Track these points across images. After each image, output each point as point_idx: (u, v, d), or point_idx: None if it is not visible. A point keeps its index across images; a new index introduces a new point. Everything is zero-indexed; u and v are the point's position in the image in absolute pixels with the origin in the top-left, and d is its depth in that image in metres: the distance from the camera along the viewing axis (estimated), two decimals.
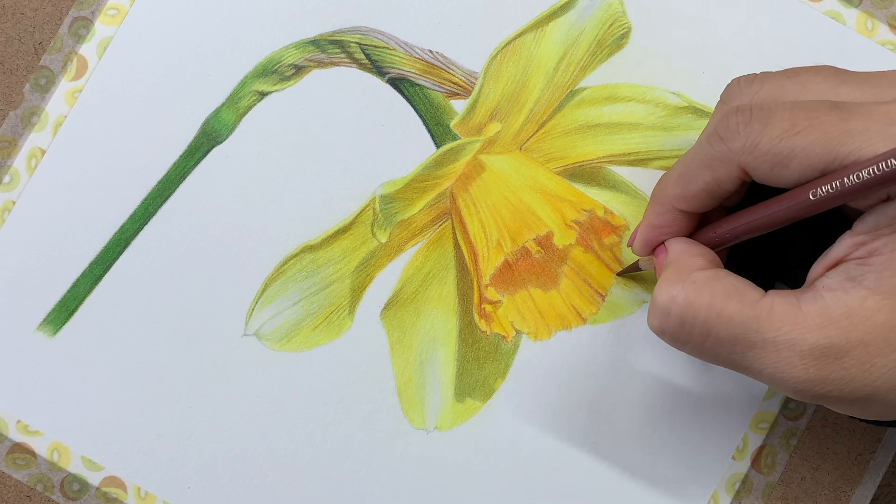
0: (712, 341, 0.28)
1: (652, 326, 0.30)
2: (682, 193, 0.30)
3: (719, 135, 0.29)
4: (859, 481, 0.36)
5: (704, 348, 0.29)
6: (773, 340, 0.27)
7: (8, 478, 0.36)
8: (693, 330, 0.29)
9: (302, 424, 0.36)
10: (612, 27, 0.37)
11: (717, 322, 0.28)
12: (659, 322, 0.29)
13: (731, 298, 0.28)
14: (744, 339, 0.28)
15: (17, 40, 0.37)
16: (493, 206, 0.36)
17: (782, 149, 0.27)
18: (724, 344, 0.28)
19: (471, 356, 0.36)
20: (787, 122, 0.27)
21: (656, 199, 0.31)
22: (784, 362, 0.27)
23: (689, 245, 0.31)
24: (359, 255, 0.36)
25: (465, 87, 0.37)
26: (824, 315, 0.27)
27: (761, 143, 0.28)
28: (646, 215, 0.32)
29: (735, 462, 0.36)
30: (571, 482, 0.36)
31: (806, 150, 0.27)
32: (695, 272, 0.29)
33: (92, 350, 0.36)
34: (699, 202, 0.30)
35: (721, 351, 0.29)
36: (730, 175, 0.29)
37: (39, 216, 0.36)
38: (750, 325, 0.28)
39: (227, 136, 0.36)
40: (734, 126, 0.28)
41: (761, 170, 0.28)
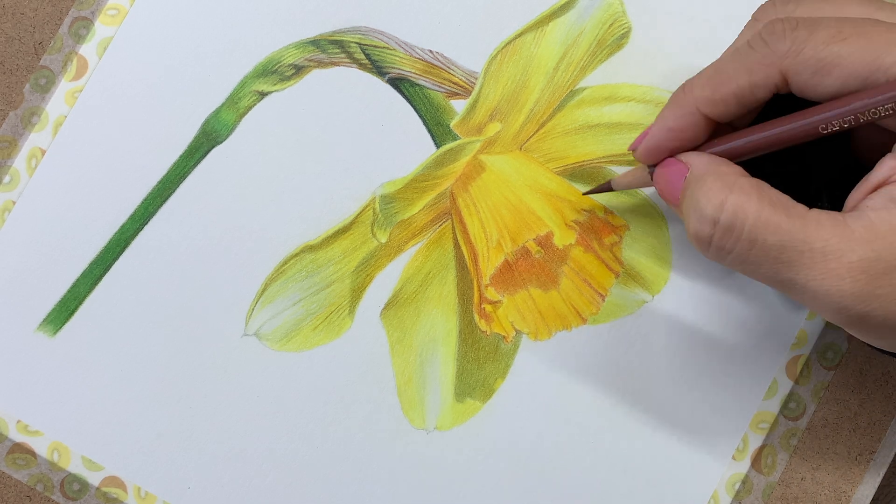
0: (758, 249, 0.28)
1: (698, 234, 0.29)
2: (711, 95, 0.29)
3: (763, 38, 0.28)
4: (859, 481, 0.36)
5: (749, 257, 0.28)
6: (821, 250, 0.27)
7: (8, 478, 0.36)
8: (741, 236, 0.28)
9: (302, 424, 0.36)
10: (612, 27, 0.37)
11: (766, 228, 0.27)
12: (706, 230, 0.28)
13: (778, 207, 0.27)
14: (791, 247, 0.27)
15: (17, 40, 0.37)
16: (493, 206, 0.36)
17: (827, 54, 0.27)
18: (771, 252, 0.27)
19: (471, 356, 0.36)
20: (833, 29, 0.27)
21: (678, 102, 0.30)
22: (831, 274, 0.27)
23: (715, 158, 0.30)
24: (359, 255, 0.36)
25: (465, 87, 0.37)
26: (871, 230, 0.27)
27: (806, 48, 0.27)
28: (661, 117, 0.31)
29: (735, 462, 0.36)
30: (571, 482, 0.36)
31: (851, 56, 0.27)
32: (741, 178, 0.28)
33: (92, 350, 0.36)
34: (726, 108, 0.29)
35: (766, 260, 0.28)
36: (768, 80, 0.28)
37: (39, 216, 0.36)
38: (797, 234, 0.27)
39: (227, 136, 0.36)
40: (780, 30, 0.28)
41: (803, 75, 0.28)
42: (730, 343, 0.36)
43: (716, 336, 0.36)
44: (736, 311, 0.36)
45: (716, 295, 0.36)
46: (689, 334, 0.36)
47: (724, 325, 0.36)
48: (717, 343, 0.36)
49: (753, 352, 0.36)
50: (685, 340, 0.36)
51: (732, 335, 0.36)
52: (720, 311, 0.36)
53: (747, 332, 0.36)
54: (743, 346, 0.36)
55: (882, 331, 0.28)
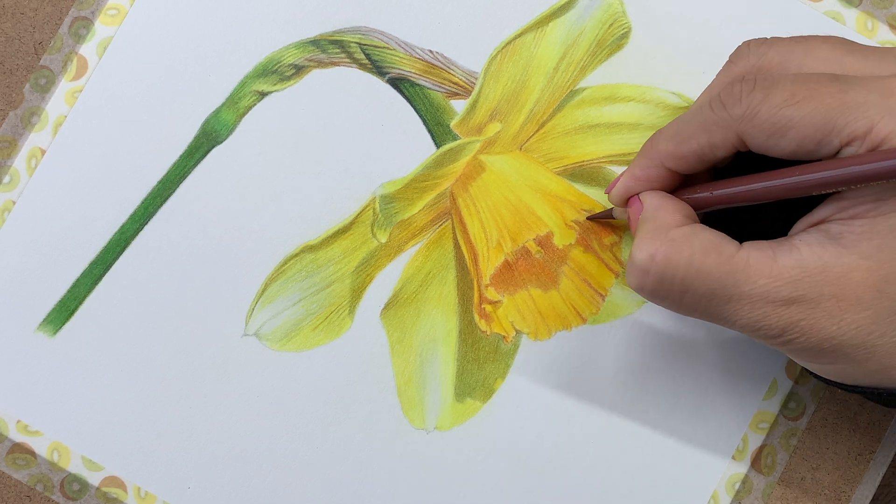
0: (690, 297, 0.29)
1: (631, 284, 0.30)
2: (674, 151, 0.30)
3: (721, 101, 0.29)
4: (859, 481, 0.36)
5: (682, 303, 0.29)
6: (748, 294, 0.28)
7: (8, 478, 0.36)
8: (672, 287, 0.29)
9: (302, 424, 0.36)
10: (612, 27, 0.37)
11: (696, 278, 0.29)
12: (638, 280, 0.30)
13: (708, 254, 0.29)
14: (721, 293, 0.29)
15: (17, 40, 0.37)
16: (493, 206, 0.36)
17: (780, 118, 0.28)
18: (702, 299, 0.29)
19: (471, 356, 0.36)
20: (787, 92, 0.28)
21: (645, 153, 0.31)
22: (758, 313, 0.28)
23: (664, 199, 0.31)
24: (359, 255, 0.36)
25: (465, 87, 0.37)
26: (799, 267, 0.28)
27: (761, 112, 0.28)
28: (631, 166, 0.32)
29: (735, 462, 0.36)
30: (571, 482, 0.36)
31: (804, 119, 0.27)
32: (673, 229, 0.29)
33: (92, 350, 0.36)
34: (688, 163, 0.30)
35: (698, 305, 0.29)
36: (725, 141, 0.29)
37: (39, 216, 0.36)
38: (727, 280, 0.28)
39: (227, 136, 0.36)
40: (737, 94, 0.29)
41: (758, 139, 0.28)
42: (730, 343, 0.36)
43: (716, 336, 0.36)
44: None
45: None
46: (689, 334, 0.36)
47: None
48: (717, 343, 0.36)
49: (753, 352, 0.36)
50: (685, 340, 0.36)
51: (732, 335, 0.36)
52: None
53: None
54: (743, 346, 0.36)
55: (808, 356, 0.29)
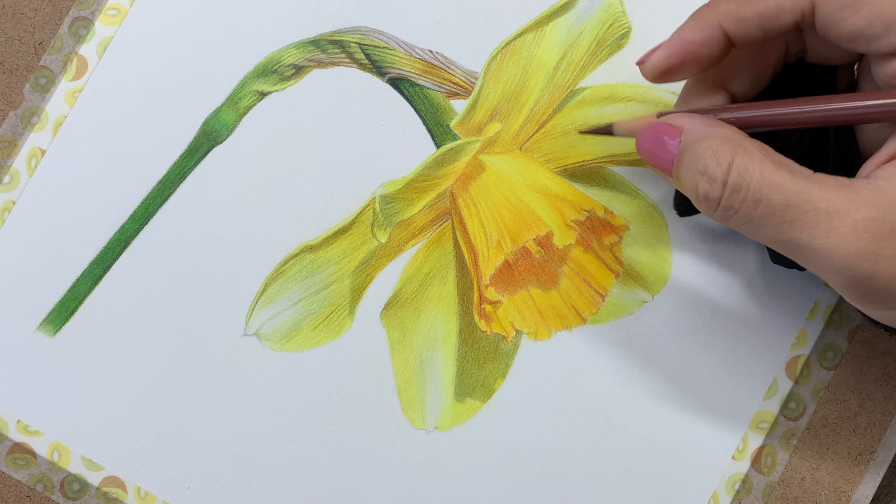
0: (763, 209, 0.27)
1: (707, 195, 0.28)
2: (736, 11, 0.29)
3: None
4: (859, 481, 0.36)
5: (753, 216, 0.28)
6: (825, 210, 0.27)
7: (8, 478, 0.36)
8: (746, 196, 0.28)
9: (302, 424, 0.36)
10: (612, 27, 0.37)
11: (769, 188, 0.27)
12: (716, 190, 0.28)
13: (782, 167, 0.28)
14: (796, 206, 0.27)
15: (17, 40, 0.37)
16: (493, 206, 0.36)
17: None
18: (776, 212, 0.27)
19: (471, 356, 0.36)
20: None
21: (700, 14, 0.30)
22: (835, 232, 0.27)
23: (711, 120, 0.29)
24: (359, 255, 0.36)
25: (465, 87, 0.37)
26: (878, 193, 0.27)
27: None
28: (679, 30, 0.30)
29: (735, 462, 0.36)
30: (571, 482, 0.36)
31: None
32: (744, 139, 0.28)
33: (92, 350, 0.36)
34: (748, 28, 0.29)
35: (771, 220, 0.27)
36: (796, 5, 0.28)
37: (39, 216, 0.36)
38: (802, 193, 0.27)
39: (227, 136, 0.36)
40: None
41: (831, 7, 0.27)
42: (730, 343, 0.36)
43: (716, 336, 0.36)
44: (736, 311, 0.36)
45: (716, 295, 0.36)
46: (688, 334, 0.36)
47: (724, 325, 0.36)
48: (717, 343, 0.36)
49: (753, 352, 0.36)
50: (685, 340, 0.36)
51: (732, 335, 0.36)
52: (720, 311, 0.36)
53: (747, 332, 0.36)
54: (743, 346, 0.36)
55: (884, 295, 0.27)
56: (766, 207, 0.27)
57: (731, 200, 0.28)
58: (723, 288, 0.36)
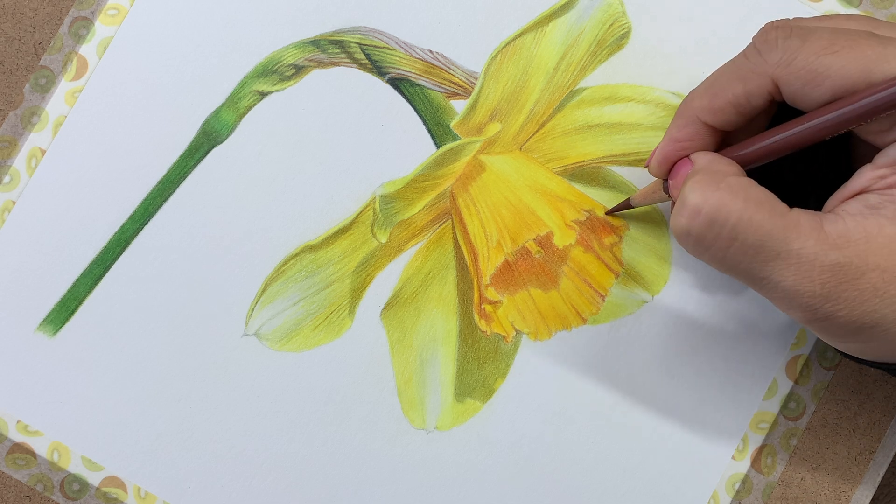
0: (737, 247, 0.28)
1: (677, 226, 0.29)
2: (709, 105, 0.30)
3: (756, 47, 0.29)
4: (859, 481, 0.36)
5: (727, 254, 0.28)
6: (797, 252, 0.27)
7: (8, 478, 0.36)
8: (721, 233, 0.28)
9: (302, 424, 0.36)
10: (612, 27, 0.37)
11: (747, 227, 0.28)
12: (687, 221, 0.29)
13: (762, 206, 0.28)
14: (769, 247, 0.28)
15: (17, 40, 0.37)
16: (493, 206, 0.36)
17: (818, 66, 0.27)
18: (749, 251, 0.28)
19: (471, 356, 0.36)
20: (825, 41, 0.27)
21: (680, 113, 0.31)
22: (803, 275, 0.27)
23: (717, 156, 0.30)
24: (359, 255, 0.36)
25: (465, 87, 0.37)
26: (844, 236, 0.27)
27: (798, 59, 0.28)
28: (668, 131, 0.31)
29: (735, 462, 0.36)
30: (571, 482, 0.36)
31: (842, 68, 0.27)
32: (729, 177, 0.29)
33: (92, 350, 0.36)
34: (725, 116, 0.30)
35: (743, 258, 0.28)
36: (761, 88, 0.29)
37: (39, 216, 0.36)
38: (777, 234, 0.28)
39: (227, 136, 0.36)
40: (773, 39, 0.28)
41: (794, 85, 0.28)
42: (730, 343, 0.36)
43: (716, 336, 0.36)
44: (736, 311, 0.36)
45: (716, 295, 0.36)
46: (688, 334, 0.36)
47: (724, 325, 0.36)
48: (717, 343, 0.36)
49: (753, 352, 0.36)
50: (685, 340, 0.36)
51: (732, 335, 0.36)
52: (720, 311, 0.36)
53: (747, 332, 0.36)
54: (743, 346, 0.36)
55: (844, 333, 0.29)
56: (741, 245, 0.28)
57: (704, 234, 0.28)
58: (723, 288, 0.36)
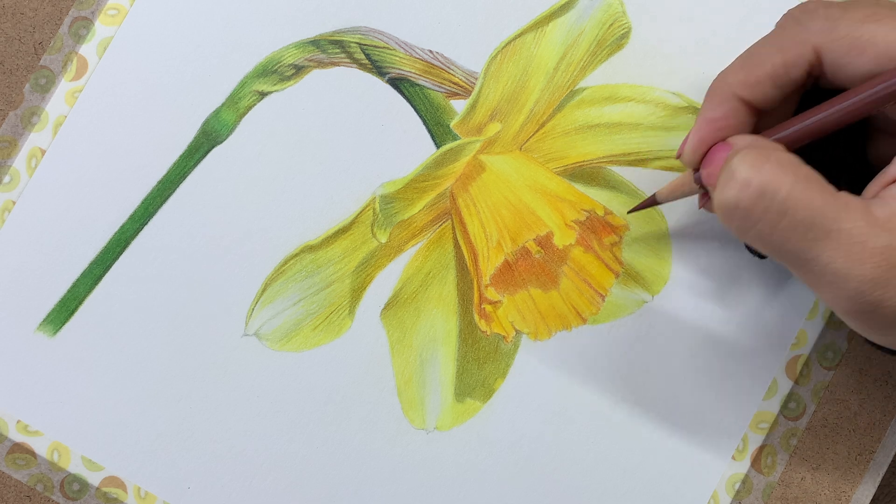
0: (787, 223, 0.27)
1: (725, 199, 0.27)
2: (745, 79, 0.29)
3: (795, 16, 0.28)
4: (859, 481, 0.36)
5: (775, 230, 0.27)
6: (848, 232, 0.26)
7: (8, 478, 0.36)
8: (771, 206, 0.27)
9: (302, 424, 0.36)
10: (612, 27, 0.37)
11: (798, 202, 0.26)
12: (736, 193, 0.27)
13: (813, 183, 0.27)
14: (820, 225, 0.27)
15: (17, 40, 0.37)
16: (493, 206, 0.36)
17: (863, 32, 0.27)
18: (798, 228, 0.27)
19: (471, 356, 0.36)
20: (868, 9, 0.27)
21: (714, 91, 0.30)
22: (854, 257, 0.26)
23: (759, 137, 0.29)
24: (359, 255, 0.36)
25: (465, 87, 0.37)
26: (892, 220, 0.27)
27: (841, 26, 0.27)
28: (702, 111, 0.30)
29: (735, 462, 0.36)
30: (571, 482, 0.36)
31: (887, 35, 0.26)
32: (779, 151, 0.28)
33: (92, 350, 0.36)
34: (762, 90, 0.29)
35: (793, 235, 0.27)
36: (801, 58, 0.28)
37: (39, 216, 0.36)
38: (829, 211, 0.26)
39: (227, 136, 0.36)
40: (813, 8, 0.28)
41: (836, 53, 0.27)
42: (730, 343, 0.36)
43: (716, 336, 0.36)
44: (736, 311, 0.36)
45: (716, 295, 0.36)
46: (688, 334, 0.36)
47: (724, 325, 0.36)
48: (716, 343, 0.36)
49: (753, 352, 0.36)
50: (685, 340, 0.36)
51: (732, 335, 0.36)
52: (720, 311, 0.36)
53: (747, 331, 0.36)
54: (743, 346, 0.36)
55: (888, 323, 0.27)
56: (791, 220, 0.27)
57: (753, 207, 0.27)
58: (723, 288, 0.36)
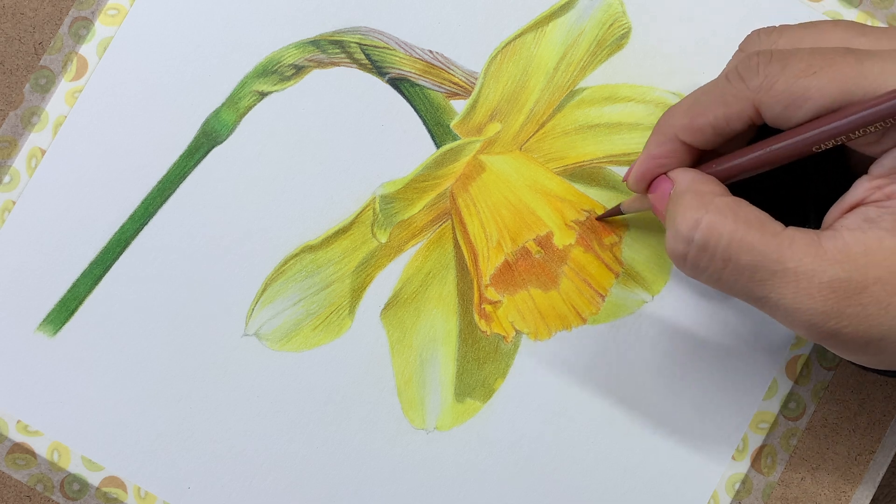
0: (732, 268, 0.28)
1: (673, 252, 0.29)
2: (689, 124, 0.30)
3: (739, 72, 0.29)
4: (859, 481, 0.36)
5: (723, 275, 0.28)
6: (793, 270, 0.27)
7: (8, 478, 0.36)
8: (715, 255, 0.28)
9: (302, 424, 0.36)
10: (612, 27, 0.37)
11: (740, 248, 0.28)
12: (682, 247, 0.29)
13: (753, 226, 0.28)
14: (764, 266, 0.28)
15: (17, 40, 0.37)
16: (493, 207, 0.36)
17: (798, 88, 0.27)
18: (745, 271, 0.28)
19: (471, 356, 0.36)
20: (804, 63, 0.27)
21: (660, 129, 0.31)
22: (803, 293, 0.27)
23: (699, 174, 0.30)
24: (359, 255, 0.36)
25: (465, 88, 0.37)
26: (843, 251, 0.27)
27: (778, 83, 0.28)
28: (646, 146, 0.31)
29: (735, 462, 0.36)
30: (571, 482, 0.36)
31: (821, 90, 0.27)
32: (717, 197, 0.29)
33: (92, 350, 0.36)
34: (704, 137, 0.30)
35: (740, 278, 0.28)
36: (742, 113, 0.29)
37: (39, 216, 0.36)
38: (771, 253, 0.27)
39: (227, 136, 0.36)
40: (754, 65, 0.28)
41: (775, 109, 0.28)
42: (730, 343, 0.36)
43: (716, 336, 0.36)
44: (736, 310, 0.36)
45: (716, 295, 0.36)
46: (689, 334, 0.36)
47: (724, 324, 0.36)
48: (717, 343, 0.36)
49: (753, 352, 0.36)
50: (685, 340, 0.36)
51: (732, 335, 0.36)
52: (720, 311, 0.36)
53: (747, 331, 0.36)
54: (743, 346, 0.36)
55: (852, 347, 0.28)
56: (734, 267, 0.28)
57: (698, 259, 0.29)
58: None
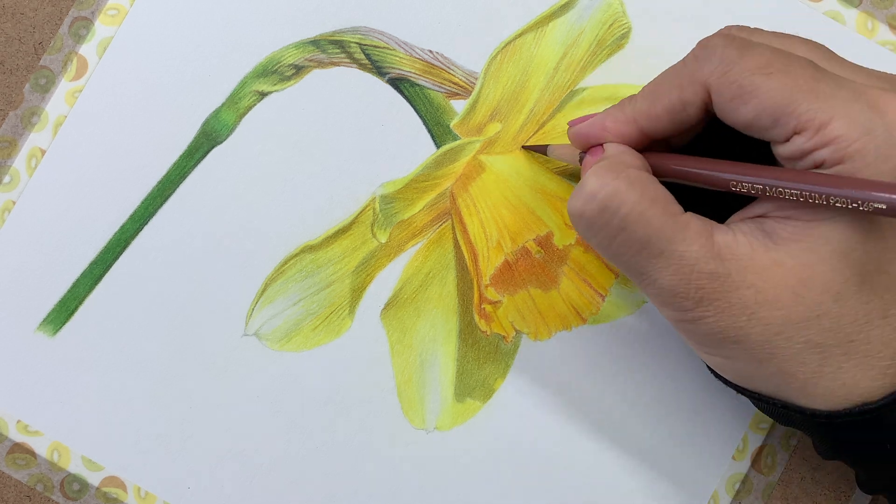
0: (624, 237, 0.28)
1: (572, 207, 0.29)
2: (648, 109, 0.30)
3: (695, 54, 0.29)
4: None
5: (613, 242, 0.29)
6: (680, 254, 0.28)
7: (8, 478, 0.36)
8: (611, 221, 0.28)
9: (302, 424, 0.36)
10: (612, 27, 0.37)
11: (637, 220, 0.28)
12: (581, 204, 0.29)
13: (656, 203, 0.28)
14: (655, 244, 0.28)
15: (17, 40, 0.37)
16: (493, 206, 0.36)
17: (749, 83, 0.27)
18: (635, 244, 0.28)
19: (471, 356, 0.36)
20: (763, 59, 0.27)
21: (622, 108, 0.31)
22: (681, 277, 0.28)
23: (628, 148, 0.30)
24: (359, 255, 0.36)
25: (465, 88, 0.37)
26: (730, 248, 0.28)
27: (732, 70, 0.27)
28: (606, 114, 0.31)
29: (735, 462, 0.36)
30: (571, 482, 0.36)
31: (769, 92, 0.27)
32: (630, 169, 0.29)
33: (92, 350, 0.36)
34: (661, 123, 0.30)
35: (629, 249, 0.29)
36: (696, 97, 0.29)
37: (39, 216, 0.36)
38: (665, 232, 0.28)
39: (227, 136, 0.36)
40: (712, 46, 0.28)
41: (723, 97, 0.28)
42: None
43: None
44: None
45: None
46: None
47: None
48: None
49: None
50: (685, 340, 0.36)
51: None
52: None
53: None
54: None
55: (707, 340, 0.29)
56: (627, 236, 0.28)
57: (595, 219, 0.29)
58: None
